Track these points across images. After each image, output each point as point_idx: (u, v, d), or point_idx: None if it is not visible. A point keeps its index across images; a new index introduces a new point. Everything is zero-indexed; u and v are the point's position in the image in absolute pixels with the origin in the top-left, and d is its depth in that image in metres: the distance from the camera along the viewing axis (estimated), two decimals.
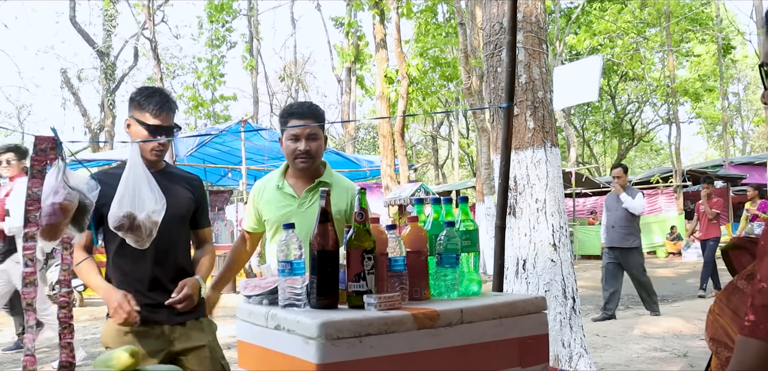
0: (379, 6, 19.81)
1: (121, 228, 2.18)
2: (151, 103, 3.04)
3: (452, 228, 2.24)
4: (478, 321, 2.03)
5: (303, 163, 3.28)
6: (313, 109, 3.41)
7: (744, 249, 1.65)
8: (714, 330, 1.51)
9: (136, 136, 3.03)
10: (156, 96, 3.09)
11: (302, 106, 3.41)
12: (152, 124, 3.02)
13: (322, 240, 2.03)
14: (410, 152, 38.69)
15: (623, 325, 9.03)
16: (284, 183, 3.39)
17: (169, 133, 3.10)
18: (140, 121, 3.01)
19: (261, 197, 3.45)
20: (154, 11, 25.69)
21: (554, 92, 5.89)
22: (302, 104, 3.45)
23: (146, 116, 3.02)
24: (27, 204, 1.86)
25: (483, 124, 16.90)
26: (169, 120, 3.11)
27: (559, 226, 5.57)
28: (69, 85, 31.35)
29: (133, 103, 3.08)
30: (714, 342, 1.50)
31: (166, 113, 3.08)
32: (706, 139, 46.76)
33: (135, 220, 2.20)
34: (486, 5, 5.90)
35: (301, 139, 3.27)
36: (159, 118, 3.04)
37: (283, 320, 1.94)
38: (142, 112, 3.03)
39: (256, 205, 3.47)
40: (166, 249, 3.06)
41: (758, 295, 1.25)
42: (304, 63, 41.17)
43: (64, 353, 2.11)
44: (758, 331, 1.22)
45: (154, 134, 3.02)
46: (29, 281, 1.94)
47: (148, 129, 3.01)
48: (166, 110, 3.09)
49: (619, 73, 33.67)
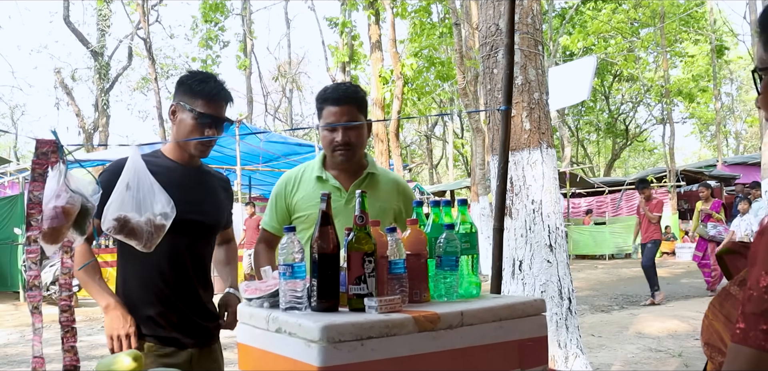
0: (374, 6, 19.82)
1: (114, 232, 2.16)
2: (205, 89, 2.75)
3: (452, 231, 2.24)
4: (479, 324, 2.04)
5: (342, 155, 2.95)
6: (351, 92, 3.00)
7: (739, 254, 1.67)
8: (708, 335, 1.53)
9: (181, 125, 2.74)
10: (211, 82, 2.79)
11: (338, 89, 3.00)
12: (204, 113, 2.72)
13: (323, 243, 2.03)
14: (405, 152, 38.73)
15: (619, 325, 9.07)
16: (327, 174, 3.03)
17: (219, 126, 2.81)
18: (191, 107, 2.71)
19: (295, 190, 3.08)
20: (148, 11, 25.66)
21: (549, 93, 5.92)
22: (338, 87, 3.03)
23: (198, 102, 2.72)
24: (28, 207, 1.86)
25: (478, 125, 16.92)
26: (222, 111, 2.81)
27: (555, 227, 5.58)
28: (63, 84, 31.26)
29: (182, 87, 2.78)
30: (709, 347, 1.52)
31: (220, 103, 2.79)
32: (700, 139, 46.89)
33: (127, 223, 2.17)
34: (482, 6, 5.91)
35: (338, 128, 2.93)
36: (211, 107, 2.74)
37: (284, 323, 1.95)
38: (193, 97, 2.73)
39: (287, 200, 3.09)
40: (202, 256, 2.87)
41: (748, 303, 1.26)
42: (298, 63, 41.14)
43: (67, 357, 2.11)
44: (749, 339, 1.24)
45: (204, 124, 2.73)
46: (33, 284, 1.94)
47: (198, 118, 2.71)
48: (222, 99, 2.80)
49: (613, 72, 33.75)
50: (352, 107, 2.94)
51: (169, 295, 2.71)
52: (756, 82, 1.49)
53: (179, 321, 2.73)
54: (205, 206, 2.85)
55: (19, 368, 7.55)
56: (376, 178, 3.06)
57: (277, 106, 42.54)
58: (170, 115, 2.79)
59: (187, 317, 2.75)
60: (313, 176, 3.05)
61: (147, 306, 2.67)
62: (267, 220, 3.16)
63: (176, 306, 2.72)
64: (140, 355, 2.03)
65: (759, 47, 1.48)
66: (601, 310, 10.77)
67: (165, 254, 2.60)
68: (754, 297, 1.25)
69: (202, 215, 2.81)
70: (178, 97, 2.77)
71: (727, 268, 1.71)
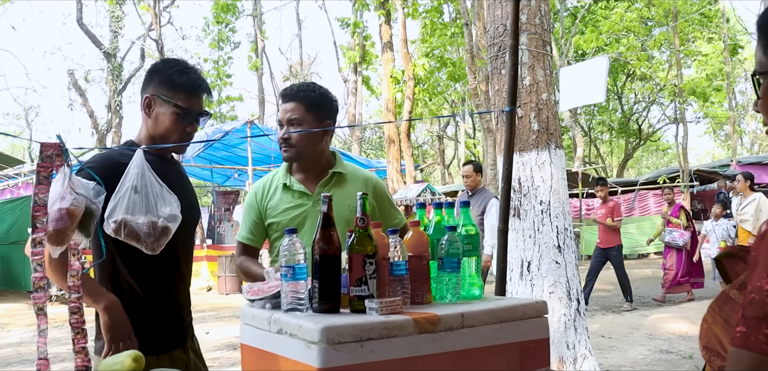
0: (385, 6, 19.84)
1: (115, 234, 2.16)
2: (187, 81, 2.59)
3: (454, 233, 2.25)
4: (479, 326, 2.05)
5: (285, 152, 2.93)
6: (302, 89, 2.95)
7: (738, 258, 1.66)
8: (707, 338, 1.52)
9: (158, 118, 2.58)
10: (191, 72, 2.63)
11: (292, 86, 2.97)
12: (185, 107, 2.57)
13: (325, 245, 2.05)
14: (416, 152, 38.72)
15: (629, 326, 9.04)
16: (291, 180, 2.98)
17: (198, 117, 2.66)
18: (170, 100, 2.55)
19: (265, 199, 3.01)
20: (160, 13, 25.78)
21: (561, 93, 5.91)
22: (294, 84, 2.98)
23: (180, 96, 2.56)
24: (34, 210, 1.89)
25: (489, 125, 16.91)
26: (202, 103, 2.67)
27: (564, 228, 5.58)
28: (76, 86, 31.44)
29: (158, 77, 2.61)
30: (707, 350, 1.52)
31: (200, 95, 2.66)
32: (714, 138, 46.62)
33: (126, 225, 2.17)
34: (490, 7, 5.92)
35: (283, 123, 2.92)
36: (193, 101, 2.61)
37: (285, 324, 1.96)
38: (173, 90, 2.56)
39: (259, 209, 3.03)
40: (191, 251, 2.82)
41: (749, 307, 1.26)
42: (309, 63, 41.20)
43: (79, 358, 2.13)
44: (750, 343, 1.23)
45: (185, 118, 2.58)
46: (39, 286, 1.96)
47: (179, 111, 2.56)
48: (202, 91, 2.66)
49: (626, 72, 33.60)
50: (298, 104, 2.90)
51: (175, 302, 2.69)
52: (756, 86, 1.48)
53: (182, 324, 2.71)
54: (191, 200, 2.79)
55: (31, 368, 7.60)
56: (343, 176, 3.01)
57: None
58: (144, 107, 2.61)
59: (185, 321, 2.74)
60: (281, 184, 3.01)
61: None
62: (243, 232, 3.08)
63: (180, 312, 2.71)
64: (141, 356, 2.04)
65: (758, 50, 1.47)
66: (612, 311, 10.73)
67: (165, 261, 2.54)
68: (756, 300, 1.24)
69: (192, 210, 2.75)
70: (153, 88, 2.60)
71: (726, 272, 1.71)
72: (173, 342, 2.64)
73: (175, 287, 2.67)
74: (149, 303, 2.56)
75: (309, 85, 2.99)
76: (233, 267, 15.84)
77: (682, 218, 12.13)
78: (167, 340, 2.61)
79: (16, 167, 17.73)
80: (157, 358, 2.54)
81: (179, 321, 2.69)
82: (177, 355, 2.63)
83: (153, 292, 2.58)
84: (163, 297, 2.62)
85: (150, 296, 2.57)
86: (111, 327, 2.42)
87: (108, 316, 2.43)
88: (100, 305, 2.44)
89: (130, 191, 2.22)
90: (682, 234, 11.95)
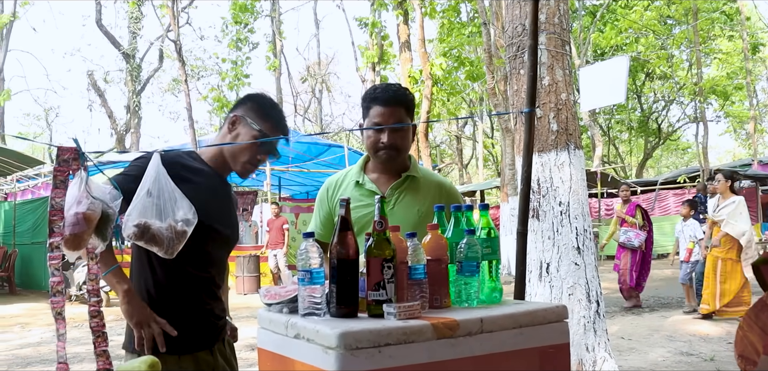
0: (403, 6, 19.82)
1: (134, 238, 2.16)
2: (275, 115, 2.73)
3: (473, 236, 2.23)
4: (498, 331, 2.02)
5: (386, 155, 2.88)
6: (400, 94, 2.92)
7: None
8: (743, 347, 1.49)
9: (238, 137, 2.69)
10: (280, 110, 2.79)
11: (388, 90, 2.91)
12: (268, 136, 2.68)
13: (342, 249, 2.03)
14: (434, 152, 38.65)
15: (649, 328, 8.96)
16: (365, 178, 2.96)
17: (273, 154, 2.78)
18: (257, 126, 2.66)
19: (336, 195, 3.00)
20: (178, 13, 25.90)
21: (581, 94, 5.86)
22: (388, 87, 2.94)
23: (266, 125, 2.68)
24: (50, 214, 1.88)
25: (507, 125, 16.84)
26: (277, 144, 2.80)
27: (583, 229, 5.53)
28: (95, 87, 31.73)
29: (251, 103, 2.74)
30: (743, 359, 1.48)
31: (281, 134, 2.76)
32: (734, 137, 46.16)
33: (148, 230, 2.17)
34: (508, 6, 5.88)
35: (385, 129, 2.85)
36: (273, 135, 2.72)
37: (302, 329, 1.95)
38: (262, 118, 2.69)
39: (329, 205, 3.03)
40: (226, 268, 2.87)
41: None
42: (327, 63, 41.26)
43: (100, 361, 2.12)
44: None
45: (263, 149, 2.69)
46: (57, 290, 1.96)
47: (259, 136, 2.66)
48: (282, 131, 2.77)
49: (646, 71, 33.37)
50: (399, 109, 2.87)
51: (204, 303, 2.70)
52: None
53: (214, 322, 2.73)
54: (233, 220, 2.85)
55: (51, 368, 7.65)
56: (416, 181, 2.96)
57: (307, 106, 42.70)
58: (229, 124, 2.73)
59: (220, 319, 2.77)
60: (353, 181, 2.99)
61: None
62: (312, 226, 3.08)
63: (214, 311, 2.74)
64: (157, 361, 2.03)
65: None
66: (632, 312, 10.64)
67: (200, 262, 2.61)
68: None
69: (231, 228, 2.80)
70: (243, 110, 2.72)
71: (764, 278, 1.67)
72: (199, 344, 2.64)
73: (207, 291, 2.69)
74: (175, 305, 2.57)
75: (398, 86, 2.98)
76: (251, 267, 15.90)
77: (638, 217, 11.36)
78: (192, 342, 2.60)
79: (36, 167, 17.87)
80: (179, 358, 2.55)
81: (208, 324, 2.69)
82: (202, 357, 2.64)
83: (179, 293, 2.60)
84: (191, 299, 2.62)
85: (176, 297, 2.59)
86: (132, 312, 2.47)
87: (128, 302, 2.48)
88: (122, 287, 2.48)
89: (144, 195, 2.21)
90: (637, 235, 11.22)
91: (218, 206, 2.69)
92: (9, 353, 8.57)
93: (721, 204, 9.46)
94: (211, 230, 2.60)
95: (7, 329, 10.65)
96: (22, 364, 7.84)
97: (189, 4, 29.80)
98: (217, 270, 2.75)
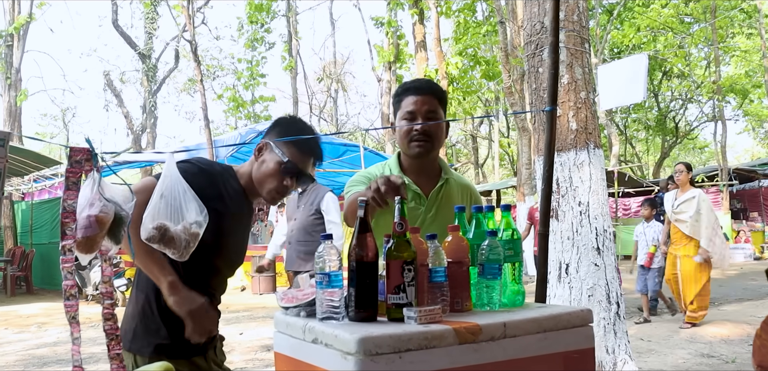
0: (418, 5, 19.77)
1: (153, 241, 2.12)
2: (306, 146, 2.68)
3: (494, 238, 2.17)
4: (522, 336, 1.97)
5: (419, 146, 2.80)
6: (433, 85, 2.90)
7: None
8: (761, 356, 1.44)
9: (264, 162, 2.67)
10: (306, 133, 2.72)
11: (420, 81, 2.90)
12: (289, 160, 2.64)
13: (361, 251, 1.98)
14: (450, 151, 38.56)
15: (669, 329, 8.86)
16: (407, 179, 2.82)
17: (301, 180, 2.72)
18: (281, 152, 2.64)
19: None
20: (193, 14, 25.95)
21: (600, 93, 5.79)
22: (421, 79, 2.93)
23: (290, 151, 2.65)
24: (63, 217, 1.84)
25: (524, 124, 16.75)
26: (308, 166, 2.73)
27: (603, 229, 5.45)
28: (111, 87, 31.87)
29: (278, 129, 2.72)
30: (762, 369, 1.42)
31: (309, 158, 2.72)
32: (753, 136, 45.75)
33: (167, 232, 2.13)
34: (527, 4, 5.81)
35: (417, 116, 2.79)
36: (301, 160, 2.67)
37: (320, 333, 1.90)
38: (286, 144, 2.66)
39: None
40: (222, 280, 2.82)
41: None
42: (343, 63, 41.24)
43: (114, 364, 2.09)
44: None
45: (287, 173, 2.64)
46: (70, 294, 1.92)
47: (283, 163, 2.63)
48: (312, 156, 2.73)
49: (663, 69, 33.12)
50: (432, 98, 2.83)
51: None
52: None
53: None
54: (244, 244, 2.87)
55: (67, 368, 7.65)
56: (450, 183, 2.94)
57: (323, 106, 42.72)
58: (256, 150, 2.72)
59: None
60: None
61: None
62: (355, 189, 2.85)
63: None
64: (171, 368, 2.00)
65: None
66: (651, 314, 10.52)
67: (206, 273, 2.62)
68: None
69: (241, 253, 2.83)
70: (270, 136, 2.72)
71: None
72: (196, 349, 2.62)
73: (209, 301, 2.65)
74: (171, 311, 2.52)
75: (431, 81, 2.94)
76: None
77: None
78: (191, 346, 2.56)
79: (53, 167, 17.96)
80: (177, 361, 2.51)
81: None
82: (197, 361, 2.65)
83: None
84: None
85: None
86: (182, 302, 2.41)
87: (176, 292, 2.40)
88: (166, 278, 2.40)
89: (157, 198, 2.18)
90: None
91: (236, 228, 2.72)
92: (25, 353, 8.59)
93: (679, 198, 8.93)
94: (224, 248, 2.63)
95: (24, 328, 10.68)
96: (38, 364, 7.85)
97: (205, 4, 29.88)
98: (219, 283, 2.77)
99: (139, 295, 2.60)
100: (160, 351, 2.51)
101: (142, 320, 2.56)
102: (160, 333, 2.53)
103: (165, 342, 2.53)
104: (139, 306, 2.58)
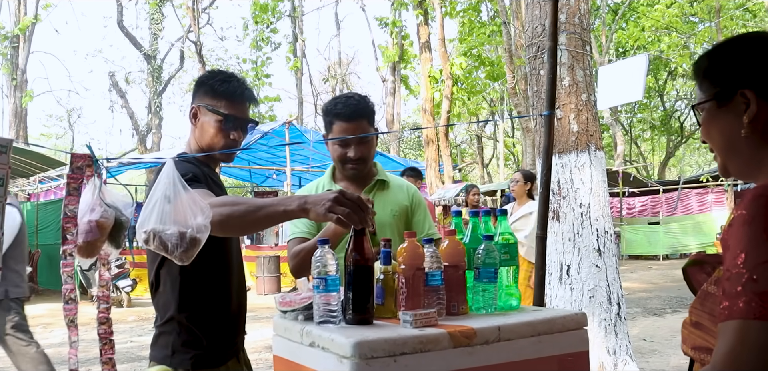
0: (423, 5, 19.79)
1: (145, 244, 2.13)
2: (228, 89, 2.58)
3: (491, 242, 2.19)
4: (516, 339, 1.99)
5: (353, 169, 2.91)
6: (361, 106, 2.91)
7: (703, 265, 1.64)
8: (692, 339, 1.52)
9: (203, 127, 2.58)
10: (233, 81, 2.62)
11: (348, 103, 2.89)
12: (227, 114, 2.55)
13: (357, 255, 2.00)
14: (455, 151, 38.56)
15: (672, 329, 8.87)
16: (337, 188, 2.92)
17: (244, 128, 2.64)
18: (213, 108, 2.55)
19: None
20: (198, 14, 26.03)
21: (598, 91, 5.80)
22: (348, 100, 2.91)
23: (221, 103, 2.56)
24: (64, 221, 1.88)
25: (528, 124, 16.77)
26: (246, 111, 2.65)
27: (604, 231, 5.47)
28: (117, 87, 31.96)
29: (203, 88, 2.62)
30: (696, 350, 1.51)
31: (244, 103, 2.63)
32: None
33: (157, 236, 2.12)
34: (528, 6, 5.83)
35: (350, 142, 2.87)
36: (235, 108, 2.58)
37: (317, 337, 1.92)
38: (216, 99, 2.57)
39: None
40: (240, 266, 2.76)
41: (728, 282, 1.30)
42: (348, 63, 41.29)
43: (105, 368, 2.12)
44: (734, 312, 1.26)
45: (228, 127, 2.56)
46: (70, 298, 1.95)
47: (222, 118, 2.55)
48: (245, 99, 2.64)
49: (668, 69, 33.08)
50: (363, 122, 2.89)
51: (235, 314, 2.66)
52: (697, 117, 1.67)
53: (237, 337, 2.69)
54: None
55: None
56: (385, 183, 3.03)
57: None
58: (192, 118, 2.61)
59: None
60: (325, 189, 2.92)
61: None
62: (295, 229, 2.94)
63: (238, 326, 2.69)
64: None
65: (697, 89, 1.67)
66: (654, 313, 10.54)
67: (223, 265, 2.57)
68: (733, 274, 1.28)
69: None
70: (198, 98, 2.61)
71: (691, 282, 1.68)
72: (230, 354, 2.60)
73: (233, 299, 2.63)
74: (212, 315, 2.50)
75: (358, 98, 2.95)
76: (272, 268, 15.92)
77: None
78: (224, 352, 2.56)
79: (58, 168, 18.02)
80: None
81: (235, 334, 2.66)
82: (231, 366, 2.60)
83: (215, 305, 2.53)
84: (223, 311, 2.57)
85: (213, 308, 2.52)
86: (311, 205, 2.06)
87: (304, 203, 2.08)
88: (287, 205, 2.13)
89: (162, 201, 2.17)
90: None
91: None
92: None
93: (515, 213, 7.04)
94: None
95: None
96: None
97: (210, 4, 29.96)
98: (237, 270, 2.68)
99: (164, 312, 2.47)
100: (199, 362, 2.44)
101: (178, 335, 2.45)
102: (198, 344, 2.46)
103: (203, 352, 2.46)
104: (169, 322, 2.46)
